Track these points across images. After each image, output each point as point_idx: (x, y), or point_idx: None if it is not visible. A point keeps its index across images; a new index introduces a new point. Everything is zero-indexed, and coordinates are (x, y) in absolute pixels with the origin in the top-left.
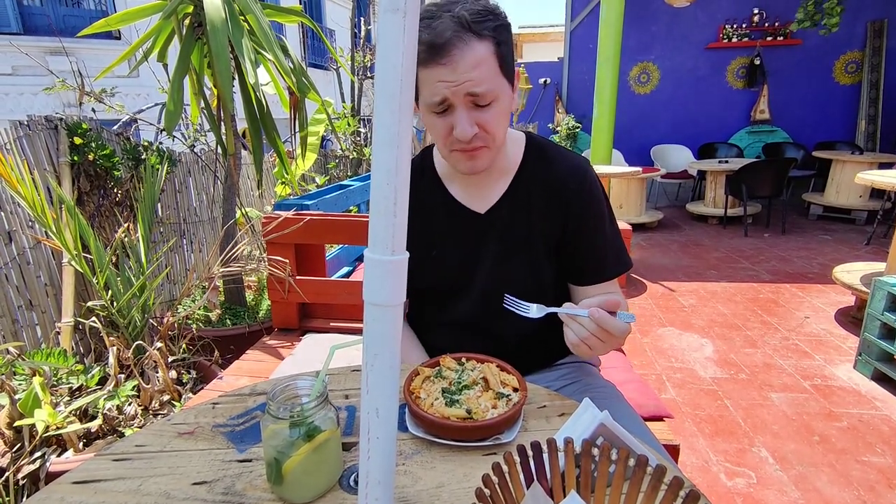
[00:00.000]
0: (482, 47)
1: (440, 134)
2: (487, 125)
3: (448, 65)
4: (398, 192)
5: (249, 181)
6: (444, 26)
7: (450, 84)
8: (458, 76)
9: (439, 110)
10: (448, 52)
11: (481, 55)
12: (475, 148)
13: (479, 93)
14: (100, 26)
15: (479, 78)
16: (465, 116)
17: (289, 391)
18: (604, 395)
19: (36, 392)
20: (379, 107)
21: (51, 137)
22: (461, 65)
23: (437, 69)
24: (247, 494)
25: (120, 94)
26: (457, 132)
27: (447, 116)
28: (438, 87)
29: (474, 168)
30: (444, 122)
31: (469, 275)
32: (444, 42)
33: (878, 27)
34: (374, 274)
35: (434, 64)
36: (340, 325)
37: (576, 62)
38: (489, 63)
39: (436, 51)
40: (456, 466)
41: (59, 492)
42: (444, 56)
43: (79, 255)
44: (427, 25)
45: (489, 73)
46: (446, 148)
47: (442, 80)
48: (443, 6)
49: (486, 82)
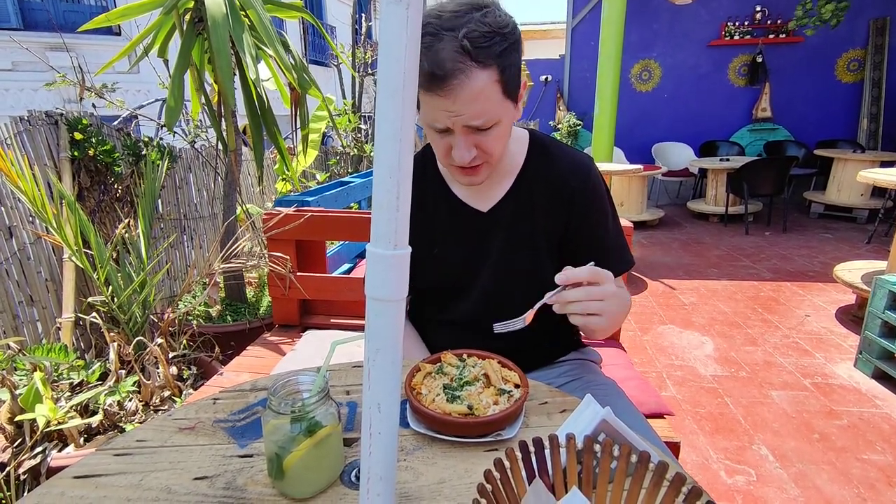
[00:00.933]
0: (484, 76)
1: (439, 150)
2: (486, 146)
3: (448, 97)
4: (400, 186)
5: (250, 177)
6: (445, 54)
7: (450, 114)
8: (457, 108)
9: (438, 131)
10: (448, 83)
11: (482, 86)
12: (473, 166)
13: (479, 124)
14: (100, 21)
15: (479, 110)
16: (464, 142)
17: (290, 386)
18: (605, 391)
19: (37, 387)
20: (381, 101)
21: (51, 133)
22: (461, 97)
23: (436, 99)
24: (248, 489)
25: (120, 90)
26: (454, 155)
27: (446, 137)
28: (438, 115)
29: (472, 182)
30: (444, 141)
31: (471, 273)
32: (445, 74)
33: (881, 25)
34: (376, 268)
35: (434, 94)
36: (341, 321)
37: (577, 59)
38: (491, 91)
39: (436, 81)
40: (457, 462)
41: (60, 486)
42: (443, 88)
43: (79, 250)
44: (428, 46)
45: (490, 102)
46: (445, 162)
47: (442, 110)
48: (445, 23)
49: (487, 113)
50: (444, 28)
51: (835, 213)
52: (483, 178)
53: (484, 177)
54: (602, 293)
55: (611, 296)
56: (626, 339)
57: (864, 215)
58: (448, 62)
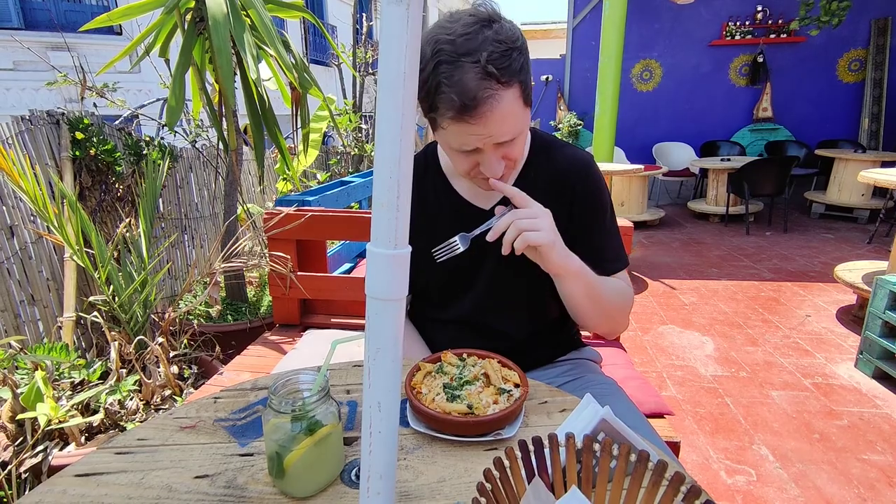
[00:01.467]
0: (510, 95)
1: (464, 167)
2: (512, 154)
3: (479, 123)
4: (401, 185)
5: (251, 177)
6: (472, 83)
7: (481, 137)
8: (488, 130)
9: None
10: (479, 111)
11: (510, 105)
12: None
13: (509, 139)
14: (101, 21)
15: (508, 128)
16: (494, 157)
17: (290, 385)
18: (605, 391)
19: (38, 386)
20: (382, 100)
21: (52, 132)
22: (492, 120)
23: (466, 126)
24: (248, 488)
25: (121, 90)
26: (486, 171)
27: (472, 155)
28: (469, 139)
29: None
30: (470, 160)
31: (472, 272)
32: (475, 103)
33: (882, 25)
34: (376, 267)
35: (464, 122)
36: (342, 321)
37: (578, 59)
38: (517, 108)
39: (466, 111)
40: (457, 461)
41: (62, 485)
42: (474, 116)
43: (80, 249)
44: (448, 77)
45: (517, 117)
46: (468, 175)
47: (473, 135)
48: (461, 47)
49: (515, 128)
50: (461, 54)
51: (836, 213)
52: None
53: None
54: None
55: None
56: (627, 338)
57: (864, 215)
58: (477, 91)
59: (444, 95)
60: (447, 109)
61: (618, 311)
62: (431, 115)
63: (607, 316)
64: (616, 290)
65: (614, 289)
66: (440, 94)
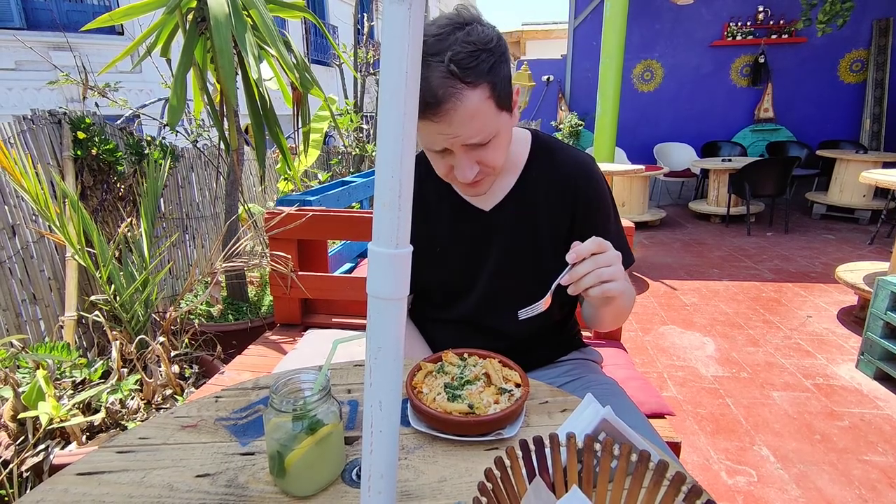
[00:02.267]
0: (476, 95)
1: (441, 169)
2: (487, 160)
3: (443, 121)
4: (403, 185)
5: (252, 177)
6: (434, 81)
7: (447, 137)
8: (454, 130)
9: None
10: (442, 109)
11: (476, 105)
12: (476, 181)
13: (478, 141)
14: (103, 21)
15: (476, 129)
16: (465, 160)
17: (292, 385)
18: (606, 391)
19: (40, 385)
20: (384, 99)
21: (54, 132)
22: (456, 120)
23: (431, 125)
24: (249, 487)
25: (123, 89)
26: (457, 175)
27: (446, 157)
28: (436, 139)
29: (476, 193)
30: (444, 162)
31: (473, 272)
32: (436, 101)
33: (884, 25)
34: (378, 267)
35: (428, 120)
36: (342, 320)
37: (579, 59)
38: (485, 109)
39: (429, 108)
40: (458, 461)
41: (63, 483)
42: (437, 114)
43: (82, 249)
44: None
45: (485, 119)
46: (447, 178)
47: (439, 134)
48: (430, 48)
49: (483, 130)
50: (429, 54)
51: (837, 213)
52: (486, 188)
53: (487, 187)
54: (608, 259)
55: (616, 259)
56: (628, 339)
57: (866, 216)
58: (438, 89)
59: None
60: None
61: (626, 313)
62: None
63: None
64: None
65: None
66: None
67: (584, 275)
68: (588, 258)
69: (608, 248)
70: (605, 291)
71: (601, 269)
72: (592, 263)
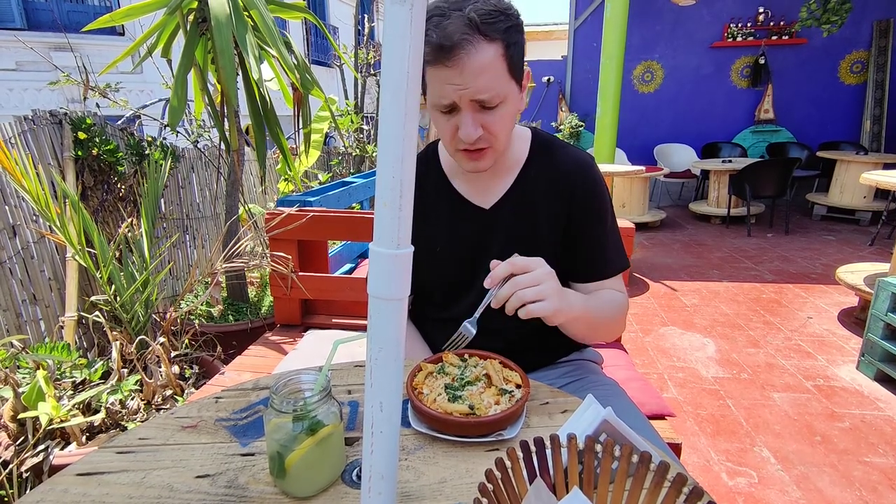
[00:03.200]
0: (491, 50)
1: (445, 133)
2: (492, 127)
3: (455, 67)
4: (404, 185)
5: (252, 177)
6: (453, 27)
7: (456, 87)
8: (464, 80)
9: (445, 110)
10: (456, 54)
11: (489, 58)
12: (479, 149)
13: (486, 99)
14: (104, 22)
15: (485, 84)
16: (470, 119)
17: (292, 385)
18: (606, 392)
19: (40, 385)
20: (385, 100)
21: (55, 132)
22: (468, 68)
23: (444, 71)
24: (249, 488)
25: (124, 90)
26: (461, 134)
27: (453, 117)
28: (445, 90)
29: (477, 168)
30: (450, 122)
31: (473, 270)
32: (452, 45)
33: (884, 27)
34: (378, 267)
35: (441, 66)
36: (343, 321)
37: (579, 61)
38: (497, 66)
39: (444, 53)
40: (458, 462)
41: (63, 484)
42: (451, 59)
43: (82, 249)
44: (436, 24)
45: (496, 77)
46: (451, 146)
47: (449, 83)
48: (453, 4)
49: (493, 87)
50: (452, 8)
51: (837, 215)
52: (488, 163)
53: (489, 162)
54: (533, 279)
55: (544, 277)
56: (628, 340)
57: (866, 217)
58: (455, 34)
59: (427, 38)
60: (427, 52)
61: (613, 324)
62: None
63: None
64: (612, 305)
65: (610, 306)
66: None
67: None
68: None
69: (534, 268)
70: (530, 312)
71: (522, 290)
72: (511, 286)
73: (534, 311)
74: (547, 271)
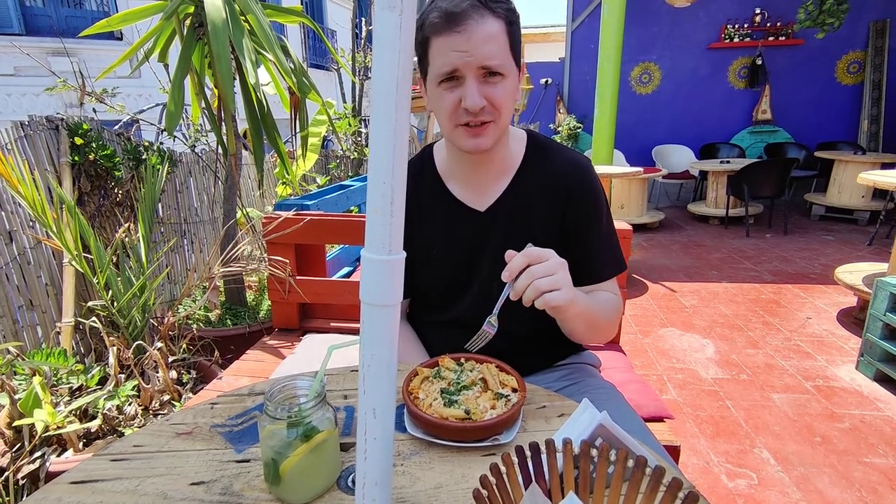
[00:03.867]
0: (496, 23)
1: (447, 108)
2: (496, 99)
3: (463, 33)
4: (395, 190)
5: (250, 181)
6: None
7: (463, 54)
8: (471, 46)
9: (449, 82)
10: (464, 21)
11: (495, 30)
12: (481, 123)
13: (492, 65)
14: (101, 27)
15: (492, 52)
16: (476, 88)
17: (287, 391)
18: (603, 395)
19: (36, 392)
20: (376, 104)
21: (52, 137)
22: (476, 35)
23: (452, 37)
24: (244, 495)
25: (121, 95)
26: (466, 103)
27: (456, 89)
28: (452, 56)
29: (478, 146)
30: (453, 95)
31: (469, 273)
32: (461, 11)
33: (881, 27)
34: (370, 273)
35: (449, 31)
36: (341, 325)
37: (577, 62)
38: (501, 39)
39: (452, 19)
40: (454, 467)
41: (57, 492)
42: (459, 24)
43: (79, 255)
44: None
45: (501, 48)
46: (452, 123)
47: (456, 50)
48: None
49: (499, 56)
50: None
51: (836, 215)
52: (489, 141)
53: (490, 140)
54: (546, 269)
55: (558, 267)
56: (627, 341)
57: (865, 217)
58: (464, 2)
59: (435, 12)
60: (435, 19)
61: (609, 325)
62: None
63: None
64: (608, 306)
65: (608, 307)
66: (431, 13)
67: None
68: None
69: (548, 257)
70: (548, 302)
71: (538, 280)
72: (528, 276)
73: (550, 300)
74: (560, 262)
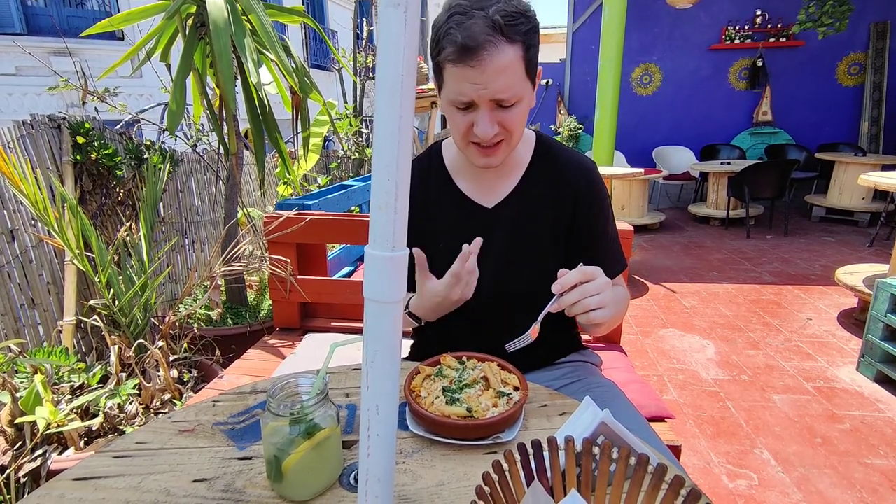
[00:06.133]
0: (512, 52)
1: (460, 128)
2: (507, 124)
3: (477, 67)
4: (399, 187)
5: (251, 181)
6: (477, 28)
7: (477, 87)
8: (485, 80)
9: (462, 107)
10: (479, 55)
11: (510, 60)
12: (493, 144)
13: (504, 98)
14: (103, 26)
15: (505, 84)
16: (488, 117)
17: (289, 389)
18: (605, 393)
19: (37, 390)
20: (380, 103)
21: (54, 137)
22: (490, 69)
23: (465, 70)
24: (246, 492)
25: (123, 94)
26: (478, 131)
27: (469, 113)
28: (465, 88)
29: (489, 163)
30: (465, 118)
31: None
32: (477, 46)
33: (882, 29)
34: (374, 270)
35: (464, 65)
36: (342, 324)
37: (578, 63)
38: (516, 67)
39: (467, 53)
40: (456, 465)
41: (59, 489)
42: (474, 59)
43: (81, 253)
44: (459, 23)
45: (515, 78)
46: (464, 140)
47: (470, 82)
48: (475, 3)
49: (512, 88)
50: (474, 7)
51: (836, 216)
52: (500, 159)
53: (501, 157)
54: (596, 287)
55: (605, 286)
56: (627, 342)
57: (865, 218)
58: (480, 35)
59: (450, 37)
60: (450, 51)
61: (620, 317)
62: (437, 59)
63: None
64: (622, 301)
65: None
66: (447, 37)
67: (572, 304)
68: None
69: (597, 276)
70: (591, 319)
71: (588, 298)
72: (580, 293)
73: (593, 318)
74: (606, 281)
